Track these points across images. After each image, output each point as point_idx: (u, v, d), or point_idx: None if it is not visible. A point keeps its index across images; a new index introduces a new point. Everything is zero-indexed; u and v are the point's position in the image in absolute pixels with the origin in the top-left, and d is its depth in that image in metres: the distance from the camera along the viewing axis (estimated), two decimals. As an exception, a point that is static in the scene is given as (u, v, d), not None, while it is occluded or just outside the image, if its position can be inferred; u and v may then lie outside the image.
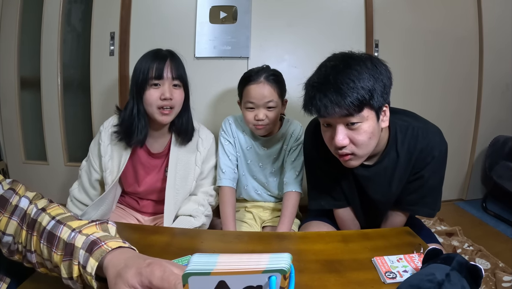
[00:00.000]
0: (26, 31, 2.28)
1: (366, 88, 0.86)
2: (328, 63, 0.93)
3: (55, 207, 0.67)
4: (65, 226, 0.60)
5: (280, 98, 1.33)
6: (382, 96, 0.90)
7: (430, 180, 1.03)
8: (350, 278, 0.76)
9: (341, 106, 0.86)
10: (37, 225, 0.63)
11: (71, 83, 2.33)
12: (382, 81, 0.89)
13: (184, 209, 1.28)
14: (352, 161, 0.96)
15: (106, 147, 1.26)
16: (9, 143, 2.41)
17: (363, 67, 0.88)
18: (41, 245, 0.60)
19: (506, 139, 2.27)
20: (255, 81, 1.28)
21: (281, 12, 2.11)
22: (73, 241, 0.57)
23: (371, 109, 0.89)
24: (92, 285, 0.54)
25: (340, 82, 0.86)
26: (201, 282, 0.31)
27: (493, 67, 2.32)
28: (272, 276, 0.31)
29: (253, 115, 1.30)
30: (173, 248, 0.90)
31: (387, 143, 1.03)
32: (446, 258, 0.69)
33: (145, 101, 1.18)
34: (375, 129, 0.92)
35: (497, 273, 1.56)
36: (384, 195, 1.09)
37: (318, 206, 1.19)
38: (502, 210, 2.29)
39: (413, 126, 1.03)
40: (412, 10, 2.22)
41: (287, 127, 1.41)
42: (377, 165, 1.05)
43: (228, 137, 1.43)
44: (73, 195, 1.33)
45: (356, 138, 0.91)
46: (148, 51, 1.25)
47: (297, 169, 1.37)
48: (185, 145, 1.30)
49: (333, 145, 0.94)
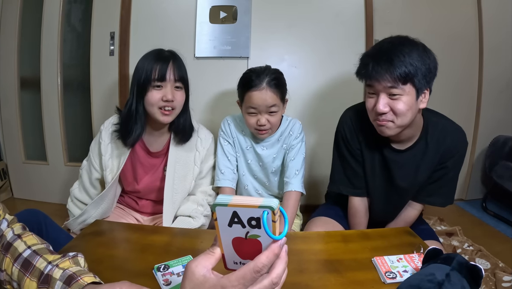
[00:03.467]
0: (26, 31, 2.28)
1: (413, 65, 0.96)
2: (386, 40, 1.05)
3: (29, 236, 0.75)
4: (41, 258, 0.70)
5: (282, 101, 1.32)
6: (425, 78, 0.99)
7: (451, 171, 1.14)
8: (350, 278, 0.76)
9: (390, 75, 0.97)
10: (12, 249, 0.72)
11: (71, 83, 2.33)
12: (428, 65, 0.99)
13: (183, 209, 1.28)
14: (388, 129, 1.04)
15: (107, 145, 1.26)
16: (9, 144, 2.41)
17: (415, 47, 0.98)
18: (13, 267, 0.69)
19: (506, 139, 2.27)
20: (257, 88, 1.26)
21: (281, 12, 2.11)
22: (51, 273, 0.67)
23: (413, 86, 0.99)
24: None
25: (392, 54, 0.97)
26: (222, 211, 0.45)
27: (493, 67, 2.32)
28: (265, 210, 0.44)
29: (255, 120, 1.30)
30: (172, 248, 0.90)
31: (420, 133, 1.12)
32: (446, 258, 0.69)
33: (147, 101, 1.19)
34: (413, 104, 1.00)
35: (497, 273, 1.56)
36: (410, 182, 1.16)
37: (336, 189, 1.26)
38: (502, 210, 2.29)
39: (443, 123, 1.14)
40: (412, 10, 2.21)
41: (286, 126, 1.41)
42: (408, 151, 1.13)
43: (227, 138, 1.42)
44: (73, 194, 1.34)
45: (395, 107, 0.99)
46: (150, 50, 1.24)
47: (297, 167, 1.37)
48: (184, 144, 1.30)
49: (374, 110, 1.03)
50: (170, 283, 0.72)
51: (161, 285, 0.71)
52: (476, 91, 2.37)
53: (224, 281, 0.46)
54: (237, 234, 0.47)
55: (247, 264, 0.46)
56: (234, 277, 0.45)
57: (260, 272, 0.45)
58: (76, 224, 1.26)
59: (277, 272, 0.46)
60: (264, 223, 0.44)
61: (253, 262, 0.46)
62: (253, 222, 0.46)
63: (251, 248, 0.48)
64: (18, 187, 2.48)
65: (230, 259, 0.50)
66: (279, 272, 0.47)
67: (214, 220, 0.47)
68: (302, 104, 2.13)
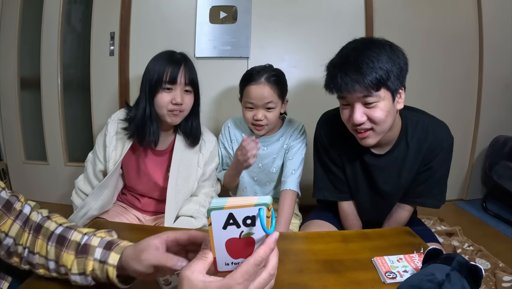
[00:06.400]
0: (26, 31, 2.28)
1: (384, 69, 0.91)
2: (349, 46, 0.99)
3: (58, 217, 0.76)
4: (76, 231, 0.71)
5: (280, 99, 1.33)
6: (398, 78, 0.95)
7: (438, 171, 1.08)
8: (350, 278, 0.76)
9: (361, 84, 0.91)
10: (43, 230, 0.71)
11: (71, 83, 2.33)
12: (399, 64, 0.94)
13: (185, 210, 1.28)
14: (369, 139, 1.00)
15: (112, 137, 1.28)
16: (9, 143, 2.41)
17: (382, 50, 0.93)
18: (48, 246, 0.69)
19: (506, 139, 2.27)
20: (256, 82, 1.29)
21: (281, 12, 2.11)
22: (89, 242, 0.68)
23: (387, 90, 0.94)
24: (112, 275, 0.64)
25: (360, 62, 0.91)
26: (217, 214, 0.46)
27: (493, 67, 2.32)
28: (261, 208, 0.45)
29: (252, 115, 1.33)
30: (173, 248, 0.90)
31: (399, 135, 1.07)
32: (446, 258, 0.69)
33: (156, 103, 1.21)
34: (391, 108, 0.96)
35: (497, 273, 1.56)
36: (393, 185, 1.12)
37: (322, 196, 1.22)
38: (502, 210, 2.29)
39: (423, 120, 1.08)
40: (412, 10, 2.22)
41: (288, 127, 1.42)
42: (388, 155, 1.09)
43: (224, 141, 1.48)
44: (78, 186, 1.35)
45: (373, 115, 0.95)
46: (161, 52, 1.26)
47: (294, 167, 1.37)
48: (191, 148, 1.32)
49: (351, 122, 0.98)
50: (170, 283, 0.72)
51: (161, 285, 0.71)
52: (476, 91, 2.37)
53: (228, 280, 0.46)
54: (231, 235, 0.48)
55: (247, 260, 0.47)
56: (239, 274, 0.46)
57: (260, 265, 0.47)
58: (78, 218, 1.26)
59: (272, 264, 0.50)
60: (261, 219, 0.46)
61: (252, 257, 0.47)
62: (248, 220, 0.47)
63: (244, 246, 0.49)
64: (18, 187, 2.48)
65: (221, 261, 0.50)
66: (274, 263, 0.50)
67: (208, 225, 0.47)
68: (302, 104, 2.13)
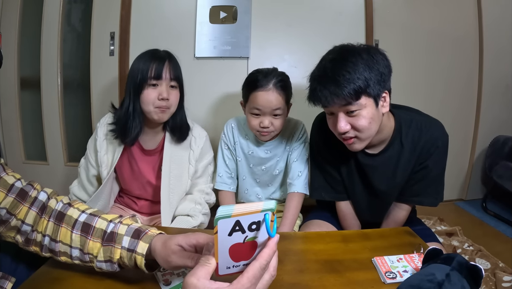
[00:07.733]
0: (26, 31, 2.28)
1: (361, 78, 0.92)
2: (327, 57, 1.00)
3: (80, 203, 0.77)
4: (100, 218, 0.71)
5: (286, 105, 1.29)
6: (379, 84, 0.95)
7: (434, 170, 1.09)
8: (350, 278, 0.76)
9: (339, 97, 0.93)
10: (66, 218, 0.72)
11: (71, 83, 2.33)
12: (378, 70, 0.94)
13: (181, 209, 1.28)
14: (355, 144, 1.02)
15: (102, 142, 1.28)
16: (9, 144, 2.41)
17: (358, 59, 0.93)
18: (72, 235, 0.70)
19: (506, 139, 2.27)
20: (264, 88, 1.22)
21: (281, 12, 2.11)
22: (115, 230, 0.69)
23: (368, 96, 0.95)
24: (140, 263, 0.66)
25: (337, 75, 0.92)
26: (224, 223, 0.46)
27: (493, 67, 2.32)
28: (266, 213, 0.47)
29: (258, 122, 1.27)
30: (173, 248, 0.90)
31: (392, 134, 1.08)
32: (446, 258, 0.69)
33: (142, 100, 1.20)
34: (374, 115, 0.97)
35: (497, 273, 1.56)
36: (389, 185, 1.13)
37: (319, 197, 1.23)
38: (502, 210, 2.29)
39: (417, 119, 1.09)
40: (412, 10, 2.22)
41: (289, 127, 1.40)
42: (382, 155, 1.10)
43: (227, 142, 1.42)
44: (73, 192, 1.36)
45: (356, 124, 0.97)
46: (145, 51, 1.26)
47: (300, 168, 1.34)
48: (179, 143, 1.31)
49: (336, 130, 1.01)
50: (170, 283, 0.72)
51: (161, 285, 0.71)
52: (476, 91, 2.37)
53: (236, 286, 0.47)
54: (236, 241, 0.49)
55: (251, 264, 0.49)
56: (246, 279, 0.48)
57: (265, 269, 0.49)
58: None
59: (273, 266, 0.52)
60: (266, 224, 0.47)
61: (257, 261, 0.49)
62: (254, 226, 0.48)
63: (247, 250, 0.50)
64: (18, 187, 2.48)
65: (223, 265, 0.51)
66: (274, 265, 0.52)
67: (214, 233, 0.47)
68: (302, 104, 2.13)
